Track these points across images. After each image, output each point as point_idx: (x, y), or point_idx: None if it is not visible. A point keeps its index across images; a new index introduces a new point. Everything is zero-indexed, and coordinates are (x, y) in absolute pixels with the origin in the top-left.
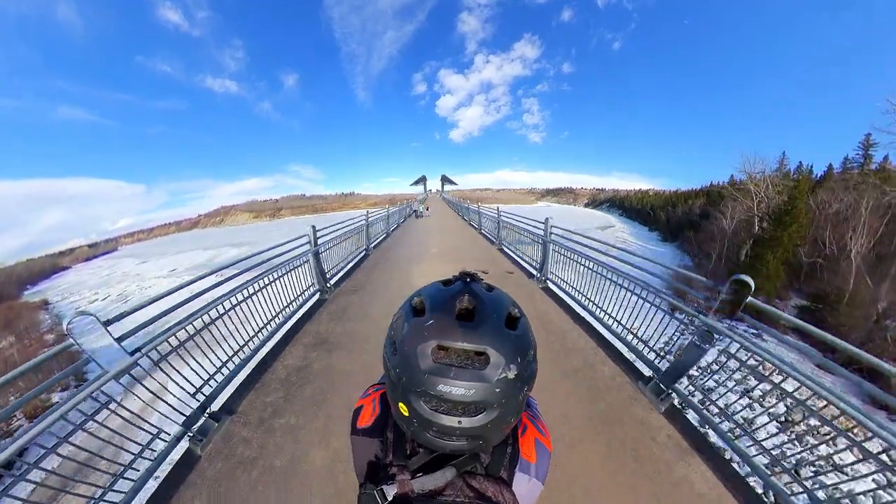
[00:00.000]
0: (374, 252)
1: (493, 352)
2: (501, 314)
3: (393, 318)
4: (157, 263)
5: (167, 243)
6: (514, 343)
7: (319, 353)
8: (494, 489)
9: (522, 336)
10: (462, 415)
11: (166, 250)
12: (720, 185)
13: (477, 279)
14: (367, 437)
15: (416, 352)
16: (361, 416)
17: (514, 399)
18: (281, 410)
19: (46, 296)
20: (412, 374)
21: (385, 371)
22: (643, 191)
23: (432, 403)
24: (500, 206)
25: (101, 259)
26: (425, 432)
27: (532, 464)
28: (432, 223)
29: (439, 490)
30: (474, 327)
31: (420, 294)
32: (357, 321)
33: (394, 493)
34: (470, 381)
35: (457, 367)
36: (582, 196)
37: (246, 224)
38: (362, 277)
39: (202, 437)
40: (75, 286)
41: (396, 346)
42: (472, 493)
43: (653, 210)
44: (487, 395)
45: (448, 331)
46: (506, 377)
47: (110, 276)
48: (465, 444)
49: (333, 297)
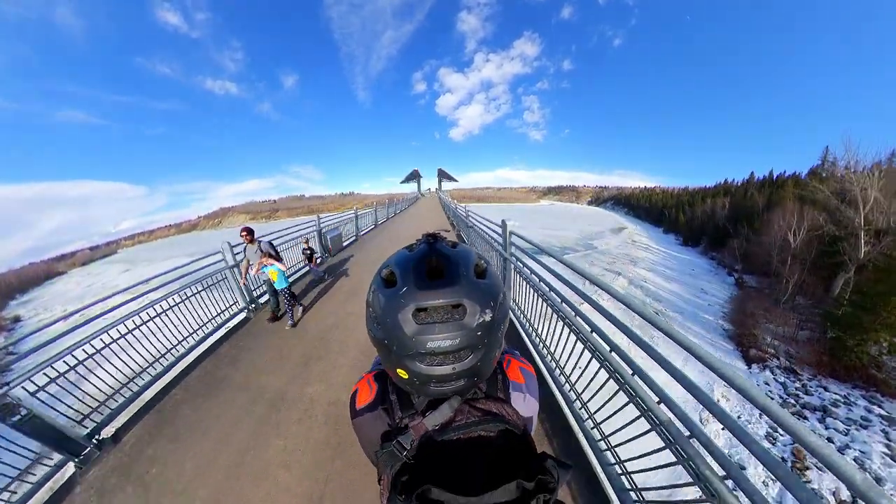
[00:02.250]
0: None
1: (468, 301)
2: (469, 266)
3: (367, 295)
4: (136, 273)
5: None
6: (485, 290)
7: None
8: (497, 406)
9: (491, 283)
10: (454, 361)
11: (156, 255)
12: (753, 182)
13: (440, 238)
14: (371, 411)
15: (397, 320)
16: (359, 397)
17: (494, 336)
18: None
19: (20, 312)
20: (400, 340)
21: (374, 345)
22: (650, 189)
23: (426, 360)
24: (501, 206)
25: (97, 264)
26: (427, 385)
27: (521, 383)
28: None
29: (451, 419)
30: (446, 283)
31: (388, 265)
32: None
33: (411, 439)
34: (453, 331)
35: (439, 323)
36: (584, 194)
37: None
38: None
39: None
40: (57, 297)
41: (379, 320)
42: (479, 413)
43: (665, 209)
44: (472, 339)
45: (423, 292)
46: (483, 321)
47: (91, 286)
48: (463, 382)
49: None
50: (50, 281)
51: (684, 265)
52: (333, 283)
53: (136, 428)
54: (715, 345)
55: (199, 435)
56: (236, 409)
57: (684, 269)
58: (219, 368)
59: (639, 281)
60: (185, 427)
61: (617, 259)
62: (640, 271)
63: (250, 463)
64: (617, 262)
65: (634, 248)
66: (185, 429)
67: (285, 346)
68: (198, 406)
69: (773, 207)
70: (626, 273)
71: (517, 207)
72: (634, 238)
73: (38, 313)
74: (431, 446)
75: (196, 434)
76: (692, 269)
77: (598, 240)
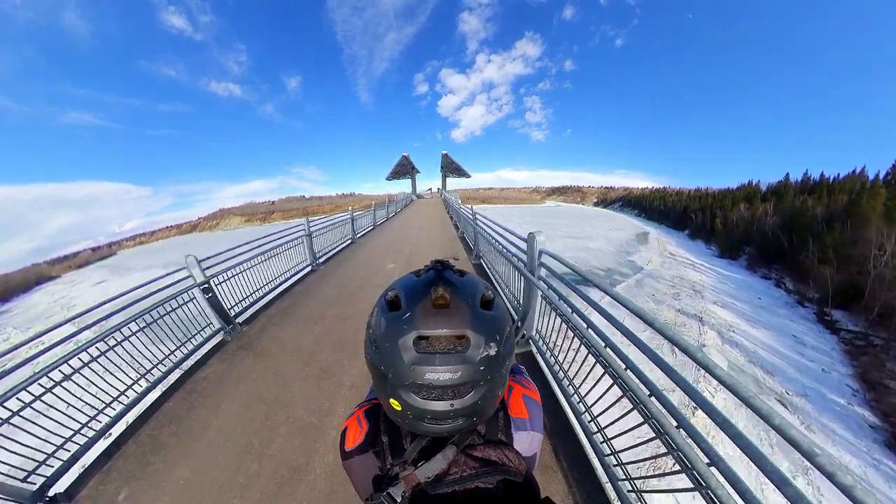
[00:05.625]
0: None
1: (472, 333)
2: (476, 297)
3: (369, 317)
4: (110, 286)
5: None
6: (490, 323)
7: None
8: (497, 453)
9: (498, 315)
10: (453, 397)
11: (138, 263)
12: (789, 184)
13: (448, 266)
14: (361, 454)
15: (397, 346)
16: (349, 437)
17: (498, 373)
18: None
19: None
20: (397, 368)
21: (370, 371)
22: (661, 189)
23: (422, 392)
24: (506, 207)
25: (88, 269)
26: (421, 422)
27: (526, 419)
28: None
29: (445, 471)
30: (451, 313)
31: (394, 288)
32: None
33: (401, 490)
34: (454, 364)
35: (440, 354)
36: (590, 195)
37: (237, 228)
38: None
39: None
40: (28, 310)
41: (378, 344)
42: (477, 464)
43: (691, 213)
44: (473, 375)
45: (426, 320)
46: (487, 355)
47: (61, 300)
48: (461, 423)
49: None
50: (38, 287)
51: (744, 291)
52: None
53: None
54: (879, 466)
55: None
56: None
57: (751, 300)
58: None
59: (727, 332)
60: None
61: (675, 286)
62: (713, 309)
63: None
64: (681, 294)
65: (678, 265)
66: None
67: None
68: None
69: (856, 219)
70: (705, 317)
71: (525, 209)
72: (669, 249)
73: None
74: (424, 500)
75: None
76: (758, 298)
77: (633, 253)
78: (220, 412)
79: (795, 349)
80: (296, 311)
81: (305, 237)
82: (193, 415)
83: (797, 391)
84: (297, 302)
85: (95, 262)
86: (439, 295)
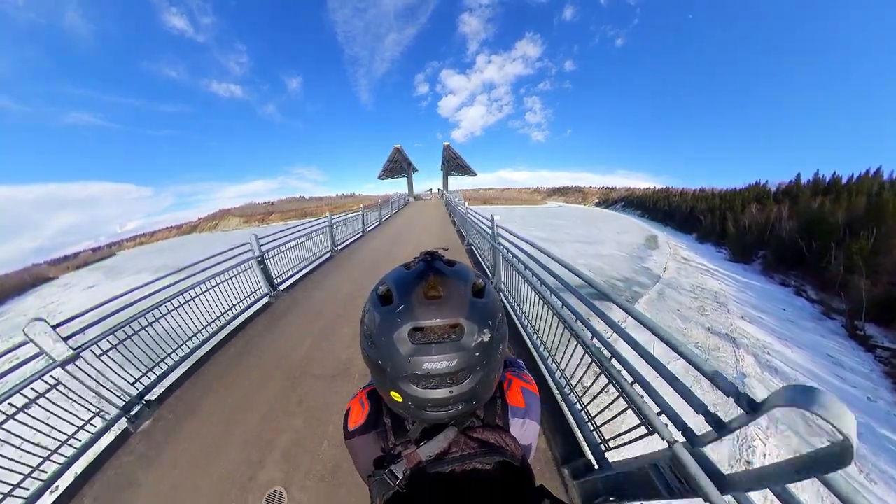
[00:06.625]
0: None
1: (465, 321)
2: (467, 285)
3: (362, 313)
4: (99, 291)
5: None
6: (483, 310)
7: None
8: (495, 436)
9: (489, 302)
10: (451, 384)
11: (128, 266)
12: (799, 185)
13: (438, 256)
14: (363, 434)
15: (393, 339)
16: (351, 417)
17: (493, 358)
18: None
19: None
20: (395, 361)
21: (368, 366)
22: (665, 189)
23: (421, 382)
24: (508, 207)
25: (85, 270)
26: (423, 410)
27: (522, 408)
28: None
29: (445, 450)
30: (444, 303)
31: (385, 282)
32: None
33: (403, 468)
34: (451, 352)
35: (436, 344)
36: (591, 195)
37: (236, 229)
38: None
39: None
40: (17, 316)
41: (373, 339)
42: (476, 444)
43: (698, 214)
44: (470, 361)
45: (419, 311)
46: (482, 341)
47: (51, 305)
48: (461, 408)
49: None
50: (34, 289)
51: (766, 300)
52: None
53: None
54: None
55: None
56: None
57: (776, 312)
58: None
59: (762, 354)
60: (222, 394)
61: (698, 297)
62: (741, 325)
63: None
64: (706, 308)
65: (695, 272)
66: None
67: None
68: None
69: (885, 224)
70: (738, 336)
71: (528, 210)
72: (681, 253)
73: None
74: (424, 477)
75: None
76: (783, 309)
77: (647, 259)
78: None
79: (834, 372)
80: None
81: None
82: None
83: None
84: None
85: (94, 262)
86: (431, 286)
